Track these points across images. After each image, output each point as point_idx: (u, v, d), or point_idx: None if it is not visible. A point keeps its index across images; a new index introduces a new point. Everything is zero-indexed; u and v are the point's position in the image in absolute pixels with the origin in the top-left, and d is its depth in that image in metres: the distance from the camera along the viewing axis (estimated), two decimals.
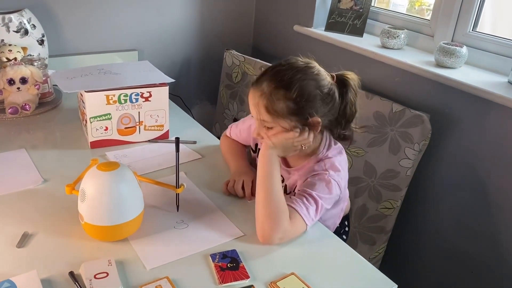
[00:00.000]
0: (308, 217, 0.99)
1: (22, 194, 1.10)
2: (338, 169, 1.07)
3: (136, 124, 1.36)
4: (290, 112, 1.00)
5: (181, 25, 2.10)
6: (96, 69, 1.42)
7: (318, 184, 1.03)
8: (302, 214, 0.99)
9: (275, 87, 0.99)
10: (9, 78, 1.45)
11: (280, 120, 1.01)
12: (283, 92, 0.99)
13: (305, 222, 0.99)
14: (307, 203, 1.00)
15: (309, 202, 1.01)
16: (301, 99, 0.99)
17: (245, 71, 1.95)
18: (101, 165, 0.93)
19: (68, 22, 1.84)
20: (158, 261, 0.91)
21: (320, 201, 1.01)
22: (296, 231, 0.99)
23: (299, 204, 1.00)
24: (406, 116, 1.50)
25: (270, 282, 0.87)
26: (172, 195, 1.06)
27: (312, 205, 1.01)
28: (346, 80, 1.04)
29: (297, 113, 1.00)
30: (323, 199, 1.02)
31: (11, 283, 0.81)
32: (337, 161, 1.08)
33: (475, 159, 1.44)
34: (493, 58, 1.49)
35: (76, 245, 0.94)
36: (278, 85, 0.99)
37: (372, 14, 1.87)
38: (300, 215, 0.98)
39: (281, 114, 1.00)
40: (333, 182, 1.04)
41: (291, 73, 1.00)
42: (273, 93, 0.99)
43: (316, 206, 1.01)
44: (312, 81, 1.00)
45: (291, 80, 0.99)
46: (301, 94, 0.98)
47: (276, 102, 0.99)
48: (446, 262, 1.59)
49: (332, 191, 1.04)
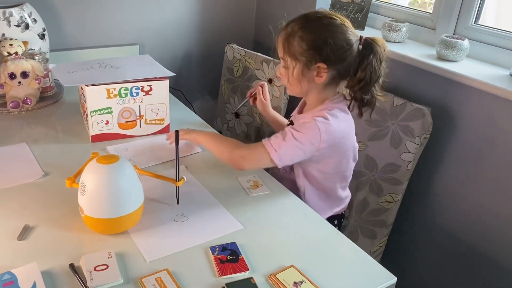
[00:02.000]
0: (268, 144, 1.11)
1: (23, 188, 1.10)
2: (327, 118, 1.10)
3: (137, 118, 1.36)
4: (301, 53, 1.09)
5: (182, 19, 2.10)
6: (96, 63, 1.42)
7: (299, 123, 1.14)
8: (264, 142, 1.12)
9: (297, 29, 1.10)
10: (10, 72, 1.45)
11: (292, 59, 1.11)
12: (301, 33, 1.09)
13: (266, 148, 1.10)
14: (276, 135, 1.12)
15: (277, 135, 1.12)
16: (314, 43, 1.08)
17: (246, 65, 1.95)
18: (101, 158, 0.93)
19: (69, 16, 1.84)
20: (158, 254, 0.91)
21: (290, 134, 1.10)
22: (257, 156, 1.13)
23: (266, 137, 1.13)
24: (407, 109, 1.49)
25: (270, 274, 0.87)
26: (172, 188, 1.06)
27: (278, 137, 1.11)
28: (372, 43, 1.10)
29: (306, 55, 1.09)
30: (296, 134, 1.09)
31: (12, 275, 0.81)
32: (332, 114, 1.12)
33: (476, 152, 1.44)
34: (495, 51, 1.48)
35: (76, 237, 0.94)
36: (300, 27, 1.10)
37: (373, 7, 1.86)
38: (261, 143, 1.12)
39: (293, 53, 1.10)
40: (314, 125, 1.09)
41: (314, 19, 1.10)
42: (292, 33, 1.10)
43: (283, 137, 1.10)
44: (330, 32, 1.08)
45: (311, 25, 1.09)
46: (316, 38, 1.08)
47: (292, 40, 1.10)
48: (447, 256, 1.59)
49: (308, 131, 1.09)
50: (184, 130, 1.27)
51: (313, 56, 1.09)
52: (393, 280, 0.89)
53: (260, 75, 1.88)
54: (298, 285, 0.85)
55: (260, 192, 1.14)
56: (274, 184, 1.19)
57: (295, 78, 1.14)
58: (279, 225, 1.04)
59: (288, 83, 1.17)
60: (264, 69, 1.86)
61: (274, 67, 1.81)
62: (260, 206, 1.10)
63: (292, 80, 1.14)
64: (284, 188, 1.18)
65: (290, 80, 1.15)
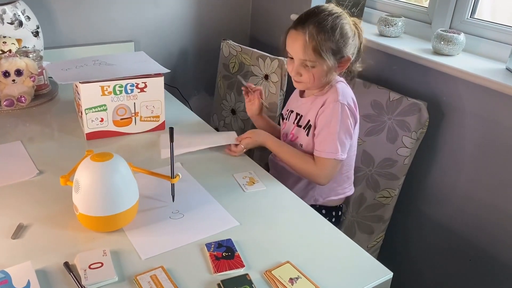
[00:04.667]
0: (328, 153, 1.22)
1: (17, 186, 1.10)
2: (343, 92, 1.24)
3: (132, 115, 1.35)
4: (332, 52, 1.19)
5: (177, 15, 2.09)
6: (91, 60, 1.41)
7: (325, 114, 1.23)
8: (321, 154, 1.23)
9: (321, 31, 1.18)
10: (4, 70, 1.44)
11: (323, 59, 1.19)
12: (329, 35, 1.18)
13: (331, 158, 1.22)
14: (320, 142, 1.24)
15: (321, 141, 1.24)
16: (341, 40, 1.19)
17: (242, 61, 1.94)
18: (95, 156, 0.92)
19: (63, 13, 1.83)
20: (153, 251, 0.91)
21: (331, 132, 1.22)
22: (332, 169, 1.24)
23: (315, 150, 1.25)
24: (403, 104, 1.49)
25: (265, 270, 0.87)
26: (168, 185, 1.06)
27: (325, 142, 1.22)
28: (356, 23, 1.25)
29: (337, 52, 1.20)
30: (333, 128, 1.21)
31: (6, 274, 0.81)
32: (343, 86, 1.27)
33: (473, 146, 1.44)
34: (491, 45, 1.48)
35: (70, 236, 0.94)
36: (325, 29, 1.18)
37: (369, 2, 1.85)
38: (323, 158, 1.23)
39: (325, 54, 1.18)
40: (339, 106, 1.21)
41: (332, 18, 1.19)
42: (320, 35, 1.17)
43: (329, 141, 1.22)
44: (347, 25, 1.21)
45: (334, 24, 1.19)
46: (341, 36, 1.19)
47: (323, 43, 1.17)
48: (444, 250, 1.59)
49: (339, 116, 1.21)
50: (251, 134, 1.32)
51: (341, 51, 1.20)
52: (389, 275, 0.89)
53: (256, 71, 1.87)
54: (294, 281, 0.85)
55: (256, 189, 1.14)
56: (270, 181, 1.18)
57: (322, 75, 1.22)
58: (275, 221, 1.03)
59: (312, 80, 1.23)
60: (260, 65, 1.85)
61: (270, 63, 1.80)
62: (256, 202, 1.09)
63: (318, 77, 1.22)
64: (280, 184, 1.18)
65: (316, 77, 1.22)
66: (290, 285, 0.84)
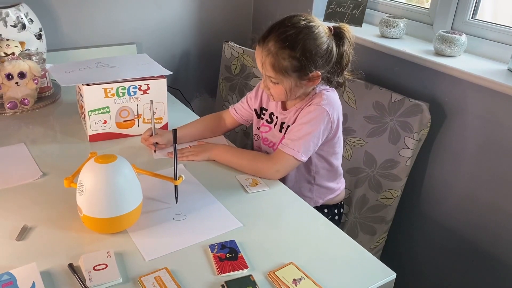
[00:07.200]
0: (288, 149, 1.16)
1: (22, 188, 1.10)
2: (328, 98, 1.17)
3: (135, 117, 1.36)
4: (293, 69, 1.11)
5: (179, 17, 2.09)
6: (94, 63, 1.42)
7: (306, 117, 1.17)
8: (283, 149, 1.17)
9: (280, 47, 1.09)
10: (7, 73, 1.45)
11: (284, 76, 1.12)
12: (288, 52, 1.09)
13: (289, 154, 1.16)
14: (289, 138, 1.18)
15: (290, 137, 1.18)
16: (303, 57, 1.09)
17: (244, 63, 1.95)
18: (99, 158, 0.93)
19: (66, 16, 1.83)
20: (157, 252, 0.91)
21: (302, 131, 1.16)
22: (287, 164, 1.18)
23: (282, 144, 1.19)
24: (405, 105, 1.49)
25: (269, 271, 0.87)
26: (171, 187, 1.06)
27: (293, 138, 1.16)
28: (342, 32, 1.15)
29: (299, 69, 1.11)
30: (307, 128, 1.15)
31: (11, 275, 0.81)
32: (328, 93, 1.19)
33: (475, 147, 1.44)
34: (492, 46, 1.48)
35: (75, 237, 0.94)
36: (283, 45, 1.09)
37: (371, 3, 1.85)
38: (282, 152, 1.17)
39: (285, 71, 1.11)
40: (321, 110, 1.15)
41: (294, 33, 1.09)
42: (278, 53, 1.10)
43: (298, 138, 1.16)
44: (313, 40, 1.10)
45: (294, 40, 1.09)
46: (303, 53, 1.09)
47: (281, 60, 1.10)
48: (447, 251, 1.59)
49: (317, 117, 1.15)
50: (193, 150, 1.27)
51: (305, 68, 1.11)
52: (392, 276, 0.89)
53: (258, 73, 1.88)
54: (297, 282, 0.85)
55: (259, 190, 1.14)
56: (272, 182, 1.18)
57: (288, 90, 1.16)
58: (278, 222, 1.04)
59: (280, 94, 1.18)
60: None
61: None
62: (259, 203, 1.09)
63: (284, 92, 1.16)
64: (283, 185, 1.18)
65: (282, 92, 1.16)
66: (293, 286, 0.84)
